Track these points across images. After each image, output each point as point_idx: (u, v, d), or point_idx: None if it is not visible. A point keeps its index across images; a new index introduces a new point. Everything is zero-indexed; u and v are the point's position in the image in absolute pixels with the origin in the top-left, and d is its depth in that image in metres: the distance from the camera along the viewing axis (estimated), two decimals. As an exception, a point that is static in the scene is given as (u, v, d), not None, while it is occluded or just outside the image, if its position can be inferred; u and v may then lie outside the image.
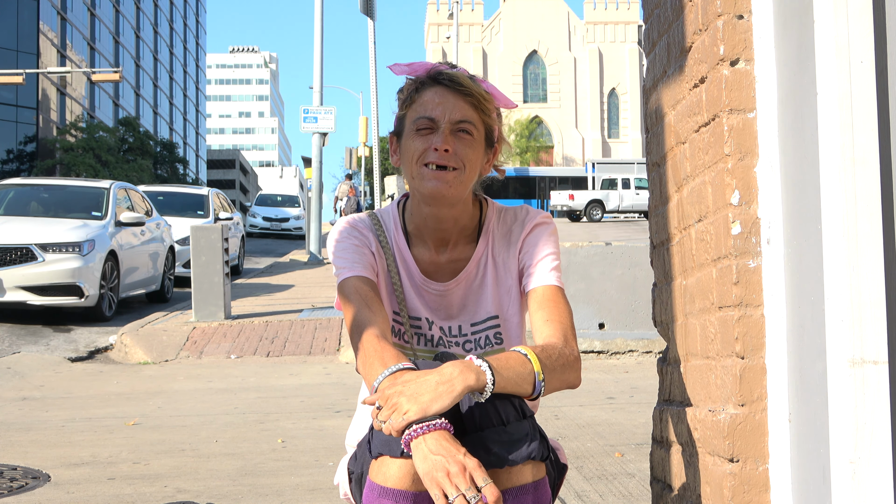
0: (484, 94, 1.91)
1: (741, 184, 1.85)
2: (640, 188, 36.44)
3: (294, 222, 32.37)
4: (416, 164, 1.89)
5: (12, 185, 11.93)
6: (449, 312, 2.00)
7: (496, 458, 1.64)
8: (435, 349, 2.00)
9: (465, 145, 1.88)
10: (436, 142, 1.86)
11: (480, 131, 1.91)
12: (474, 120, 1.90)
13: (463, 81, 1.89)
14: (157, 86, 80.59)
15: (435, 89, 1.89)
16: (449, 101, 1.88)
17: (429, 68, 1.92)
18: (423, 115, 1.88)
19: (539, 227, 2.00)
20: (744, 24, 1.86)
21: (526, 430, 1.67)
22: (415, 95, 1.91)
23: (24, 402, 5.89)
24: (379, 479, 1.68)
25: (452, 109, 1.87)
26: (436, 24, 79.00)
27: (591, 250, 7.64)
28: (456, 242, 2.00)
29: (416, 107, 1.90)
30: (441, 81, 1.89)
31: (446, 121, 1.87)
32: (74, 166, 47.59)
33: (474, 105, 1.89)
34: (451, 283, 1.98)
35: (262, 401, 5.85)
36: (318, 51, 19.78)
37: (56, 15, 54.92)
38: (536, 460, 1.67)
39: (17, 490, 3.56)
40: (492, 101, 1.93)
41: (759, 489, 1.83)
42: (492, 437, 1.66)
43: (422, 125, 1.88)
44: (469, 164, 1.89)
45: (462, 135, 1.88)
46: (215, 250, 9.57)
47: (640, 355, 7.28)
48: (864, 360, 1.60)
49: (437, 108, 1.87)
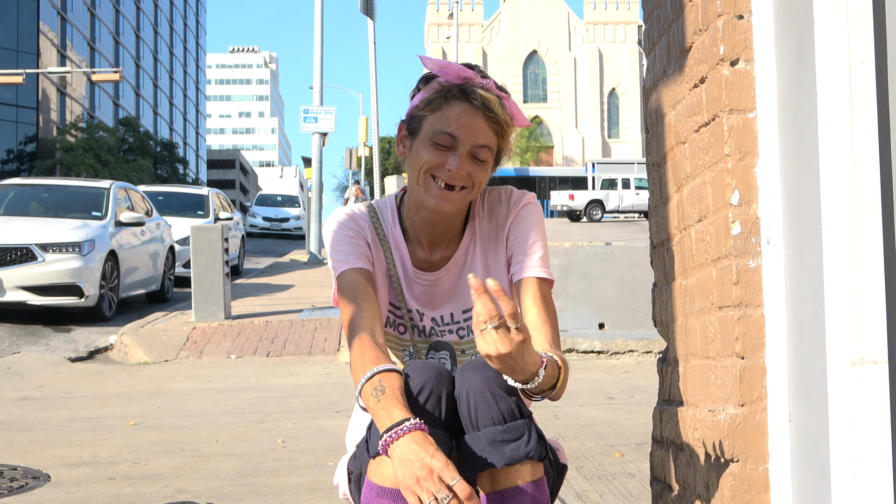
0: (508, 122, 1.88)
1: (741, 184, 1.85)
2: (640, 188, 36.44)
3: (294, 222, 32.37)
4: (424, 173, 1.87)
5: (12, 185, 11.92)
6: (439, 301, 2.00)
7: (494, 457, 1.64)
8: (429, 339, 2.00)
9: (477, 168, 1.87)
10: (452, 163, 1.84)
11: (493, 155, 1.90)
12: (493, 145, 1.87)
13: (493, 107, 1.85)
14: (157, 86, 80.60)
15: (464, 107, 1.84)
16: (475, 123, 1.84)
17: (461, 75, 1.87)
18: (446, 131, 1.84)
19: (525, 208, 1.99)
20: (744, 24, 1.86)
21: (524, 429, 1.67)
22: (441, 103, 1.86)
23: (24, 402, 5.89)
24: (377, 478, 1.68)
25: (477, 134, 1.84)
26: (436, 24, 79.01)
27: (591, 250, 7.64)
28: (450, 241, 2.00)
29: (439, 115, 1.85)
30: (472, 100, 1.84)
31: (468, 144, 1.84)
32: (74, 166, 47.60)
33: (497, 132, 1.87)
34: (441, 271, 1.98)
35: (262, 401, 5.85)
36: (318, 51, 19.78)
37: (56, 15, 54.93)
38: (534, 460, 1.66)
39: (17, 490, 3.56)
40: (513, 127, 1.91)
41: (759, 489, 1.83)
42: (490, 435, 1.65)
43: (442, 141, 1.85)
44: (477, 184, 1.89)
45: (477, 160, 1.86)
46: (215, 250, 9.57)
47: (640, 355, 7.28)
48: (864, 360, 1.60)
49: (461, 128, 1.84)
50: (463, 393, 1.69)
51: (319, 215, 19.57)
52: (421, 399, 1.68)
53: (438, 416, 1.68)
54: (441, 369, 1.73)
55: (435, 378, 1.70)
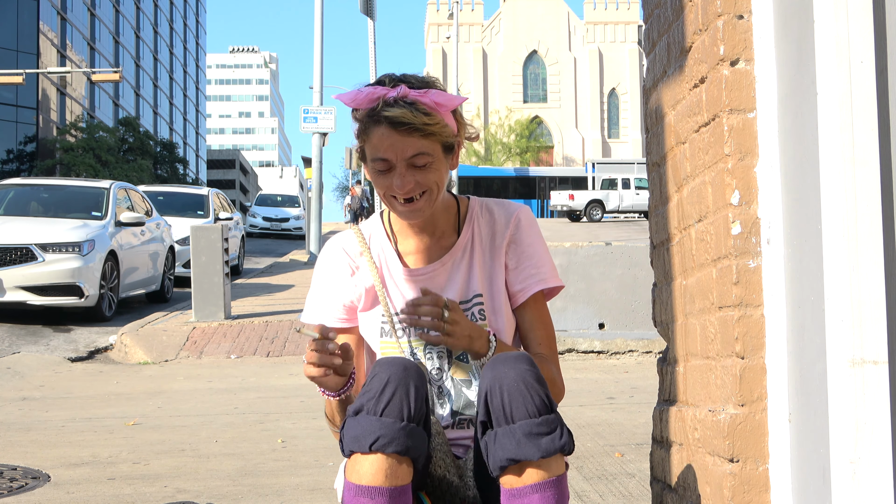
0: (427, 120, 1.85)
1: (741, 184, 1.85)
2: (640, 188, 36.43)
3: (294, 222, 32.39)
4: (384, 196, 1.93)
5: (12, 185, 11.92)
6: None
7: (529, 449, 1.68)
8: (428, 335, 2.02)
9: (425, 172, 1.88)
10: (396, 182, 1.87)
11: (437, 150, 1.89)
12: (427, 149, 1.87)
13: (403, 118, 1.83)
14: (157, 86, 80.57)
15: (381, 130, 1.85)
16: (397, 140, 1.85)
17: (370, 98, 1.87)
18: (378, 157, 1.88)
19: (522, 224, 2.05)
20: (744, 24, 1.86)
21: (557, 422, 1.71)
22: (364, 133, 1.89)
23: (24, 402, 5.89)
24: (353, 477, 1.71)
25: (403, 148, 1.85)
26: (436, 24, 79.00)
27: (591, 250, 7.64)
28: (442, 234, 2.04)
29: (369, 145, 1.89)
30: (382, 123, 1.85)
31: (400, 160, 1.87)
32: (74, 166, 47.58)
33: (423, 134, 1.86)
34: (437, 264, 2.02)
35: (262, 401, 5.84)
36: (318, 51, 19.78)
37: (56, 15, 54.91)
38: (565, 453, 1.72)
39: (17, 490, 3.56)
40: (438, 117, 1.87)
41: (759, 489, 1.83)
42: (526, 428, 1.69)
43: (379, 166, 1.89)
44: (435, 184, 1.91)
45: (418, 167, 1.88)
46: (215, 250, 9.57)
47: (640, 355, 7.28)
48: (864, 361, 1.60)
49: (388, 150, 1.86)
50: (496, 386, 1.72)
51: (319, 215, 19.58)
52: (387, 393, 1.71)
53: (407, 409, 1.71)
54: (408, 364, 1.77)
55: (401, 372, 1.74)
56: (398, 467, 1.70)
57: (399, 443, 1.69)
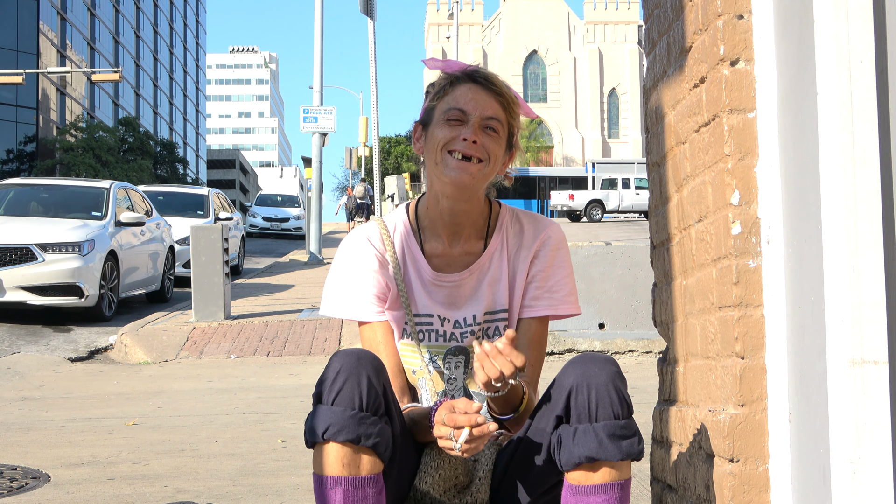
0: (513, 98, 2.00)
1: (741, 184, 1.85)
2: (640, 188, 36.44)
3: (294, 222, 32.40)
4: (441, 150, 1.94)
5: (12, 185, 11.93)
6: (462, 303, 2.03)
7: (611, 450, 1.70)
8: (447, 344, 2.02)
9: (490, 140, 1.95)
10: (465, 133, 1.93)
11: (505, 131, 1.98)
12: (502, 119, 1.97)
13: (496, 81, 1.98)
14: (157, 86, 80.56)
15: (469, 85, 1.96)
16: (482, 97, 1.95)
17: (464, 67, 2.01)
18: (455, 107, 1.95)
19: (550, 244, 2.05)
20: (744, 24, 1.86)
21: (635, 428, 1.74)
22: (448, 88, 1.98)
23: (24, 402, 5.89)
24: (316, 468, 1.73)
25: (485, 106, 1.95)
26: (436, 24, 79.02)
27: (591, 250, 7.64)
28: (469, 236, 2.04)
29: (448, 99, 1.97)
30: (476, 80, 1.97)
31: (477, 115, 1.94)
32: (74, 166, 47.57)
33: (503, 105, 1.97)
34: (465, 272, 2.02)
35: (262, 401, 5.84)
36: (318, 51, 19.77)
37: (56, 15, 54.90)
38: (638, 460, 1.74)
39: (17, 490, 3.56)
40: (519, 106, 2.01)
41: (759, 489, 1.83)
42: (609, 429, 1.71)
43: (453, 116, 1.94)
44: (493, 157, 1.96)
45: (489, 131, 1.95)
46: (215, 250, 9.57)
47: (640, 355, 7.28)
48: (865, 360, 1.60)
49: (469, 102, 1.95)
50: (584, 384, 1.74)
51: (319, 215, 19.57)
52: (338, 382, 1.72)
53: (359, 398, 1.71)
54: (362, 354, 1.77)
55: (353, 362, 1.74)
56: (355, 456, 1.71)
57: (349, 431, 1.69)
